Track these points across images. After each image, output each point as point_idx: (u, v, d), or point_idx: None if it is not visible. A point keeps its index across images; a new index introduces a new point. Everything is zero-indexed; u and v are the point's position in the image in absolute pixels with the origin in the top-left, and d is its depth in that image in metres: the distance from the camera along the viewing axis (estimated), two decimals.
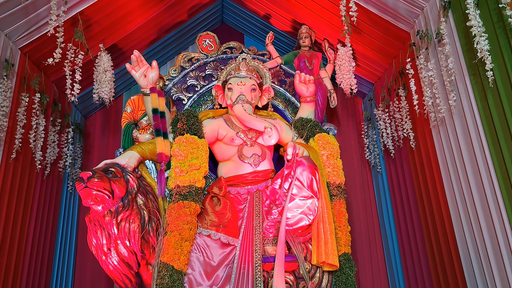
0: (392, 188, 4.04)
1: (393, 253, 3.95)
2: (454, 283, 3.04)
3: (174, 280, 2.70)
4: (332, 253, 2.94)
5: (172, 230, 2.80)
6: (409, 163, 3.69)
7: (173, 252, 2.74)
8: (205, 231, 2.98)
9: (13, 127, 3.21)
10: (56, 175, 3.86)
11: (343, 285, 3.02)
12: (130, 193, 2.74)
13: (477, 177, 2.78)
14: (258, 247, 3.05)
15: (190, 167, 2.95)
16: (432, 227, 3.29)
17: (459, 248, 2.97)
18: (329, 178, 3.24)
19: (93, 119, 4.56)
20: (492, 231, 2.62)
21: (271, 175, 3.37)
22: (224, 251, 3.02)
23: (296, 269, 3.05)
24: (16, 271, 3.16)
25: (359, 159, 4.49)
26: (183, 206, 2.85)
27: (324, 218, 3.02)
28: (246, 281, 2.91)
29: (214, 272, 2.93)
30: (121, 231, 2.64)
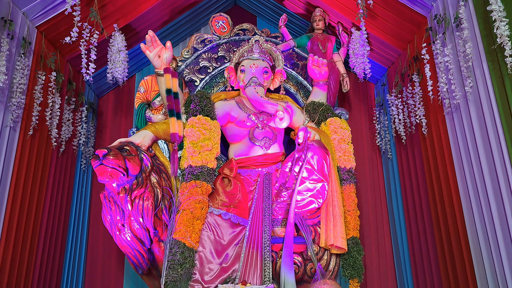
0: (402, 175, 4.04)
1: (400, 239, 3.98)
2: (461, 269, 3.06)
3: (186, 257, 2.77)
4: (341, 236, 2.98)
5: (184, 209, 2.85)
6: (421, 150, 3.68)
7: (185, 230, 2.80)
8: (216, 211, 3.03)
9: (30, 105, 3.27)
10: (70, 153, 3.93)
11: (351, 268, 3.07)
12: (144, 171, 2.79)
13: (491, 167, 2.76)
14: (267, 228, 3.10)
15: (202, 147, 2.98)
16: (442, 215, 3.30)
17: (469, 237, 2.98)
18: (339, 163, 3.26)
19: (106, 99, 4.61)
20: (504, 221, 2.62)
21: (282, 158, 3.39)
22: (234, 231, 3.08)
23: (304, 251, 3.11)
24: (32, 245, 3.26)
25: (369, 144, 4.49)
26: (195, 185, 2.90)
27: (334, 202, 3.05)
28: (255, 260, 2.97)
29: (224, 251, 2.99)
30: (135, 208, 2.71)
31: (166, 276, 2.71)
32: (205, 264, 2.88)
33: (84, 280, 4.10)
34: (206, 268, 2.87)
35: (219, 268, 2.92)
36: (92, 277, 4.15)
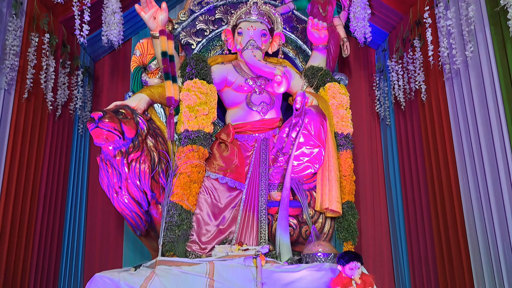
0: (400, 142, 4.04)
1: (396, 205, 4.03)
2: (454, 231, 3.12)
3: (183, 218, 2.81)
4: (336, 200, 3.01)
5: (181, 172, 2.87)
6: (419, 116, 3.66)
7: (182, 192, 2.83)
8: (213, 175, 3.05)
9: (23, 67, 3.22)
10: (67, 117, 3.92)
11: (345, 231, 3.12)
12: (140, 134, 2.79)
13: (488, 134, 2.75)
14: (264, 192, 3.14)
15: (198, 112, 2.97)
16: (438, 181, 3.33)
17: (463, 204, 3.01)
18: (337, 128, 3.25)
19: (102, 63, 4.53)
20: (499, 189, 2.64)
21: (279, 123, 3.38)
22: (231, 195, 3.12)
23: (300, 214, 3.15)
24: (32, 210, 3.30)
25: (368, 111, 4.46)
26: (192, 150, 2.91)
27: (330, 166, 3.06)
28: (251, 223, 3.03)
29: (221, 213, 3.04)
30: (131, 171, 2.73)
31: (164, 237, 2.77)
32: (202, 226, 2.93)
33: (84, 243, 4.19)
34: (203, 229, 2.93)
35: (216, 230, 2.98)
36: (92, 240, 4.23)
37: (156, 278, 2.49)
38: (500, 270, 2.59)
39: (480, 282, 2.82)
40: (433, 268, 3.45)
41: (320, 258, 2.67)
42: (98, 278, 2.46)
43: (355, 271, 2.28)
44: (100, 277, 2.46)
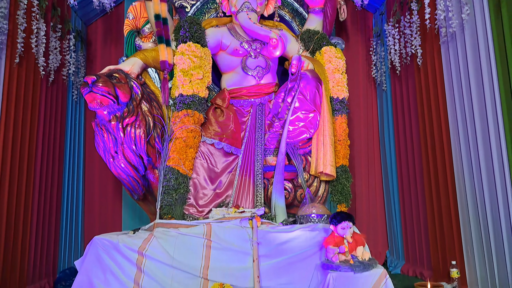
0: (395, 107, 4.06)
1: (390, 169, 4.09)
2: (445, 199, 3.19)
3: (180, 183, 2.86)
4: (330, 164, 3.05)
5: (177, 137, 2.89)
6: (415, 81, 3.65)
7: (178, 157, 2.86)
8: (209, 140, 3.07)
9: (13, 31, 3.14)
10: (61, 83, 3.87)
11: (339, 194, 3.19)
12: (134, 99, 2.78)
13: (480, 98, 2.76)
14: (260, 157, 3.17)
15: (193, 76, 2.95)
16: (431, 146, 3.36)
17: (454, 168, 3.06)
18: (332, 93, 3.25)
19: (94, 27, 4.43)
20: (488, 152, 2.68)
21: (275, 88, 3.37)
22: (227, 160, 3.15)
23: (295, 178, 3.21)
24: (29, 177, 3.31)
25: (365, 76, 4.43)
26: (187, 114, 2.91)
27: (325, 131, 3.09)
28: (248, 187, 3.08)
29: (217, 178, 3.09)
30: (127, 135, 2.74)
31: (162, 201, 2.82)
32: (199, 190, 2.99)
33: (83, 209, 4.25)
34: (200, 193, 2.99)
35: (213, 194, 3.03)
36: (90, 206, 4.29)
37: (154, 240, 2.55)
38: (488, 233, 2.68)
39: (468, 243, 2.92)
40: (424, 231, 3.55)
41: (314, 219, 2.74)
42: (97, 240, 2.53)
43: (347, 230, 2.35)
44: (99, 240, 2.53)
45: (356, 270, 2.24)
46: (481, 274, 2.79)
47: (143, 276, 2.45)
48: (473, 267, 2.87)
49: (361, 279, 2.23)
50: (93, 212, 4.31)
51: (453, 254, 3.11)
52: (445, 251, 3.22)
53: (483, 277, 2.77)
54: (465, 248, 2.97)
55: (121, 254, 2.48)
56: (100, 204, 4.31)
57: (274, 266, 2.50)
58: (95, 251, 2.49)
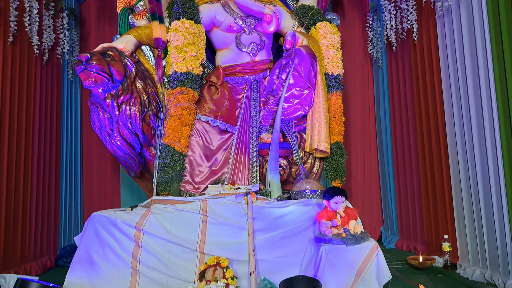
0: (391, 83, 4.05)
1: (385, 146, 4.12)
2: (439, 177, 3.22)
3: (175, 160, 2.88)
4: (325, 140, 3.08)
5: (171, 115, 2.90)
6: (410, 57, 3.64)
7: (174, 135, 2.88)
8: (204, 118, 3.09)
9: (5, 9, 3.11)
10: (55, 62, 3.85)
11: (333, 170, 3.22)
12: (128, 77, 2.78)
13: (474, 72, 2.75)
14: (255, 135, 3.19)
15: (186, 53, 2.94)
16: (426, 123, 3.38)
17: (448, 145, 3.08)
18: (327, 69, 3.24)
19: (87, 5, 4.38)
20: (481, 127, 2.69)
21: (269, 65, 3.36)
22: (222, 137, 3.17)
23: (290, 156, 3.24)
24: (27, 154, 3.33)
25: (361, 52, 4.41)
26: (181, 92, 2.91)
27: (320, 108, 3.10)
28: (243, 164, 3.11)
29: (213, 155, 3.12)
30: (122, 113, 2.75)
31: (158, 178, 2.86)
32: (195, 167, 3.02)
33: (82, 188, 4.30)
34: (197, 170, 3.02)
35: (209, 171, 3.07)
36: (89, 184, 4.33)
37: (151, 216, 2.60)
38: (479, 208, 2.73)
39: (460, 217, 2.97)
40: (418, 207, 3.61)
41: (308, 195, 2.78)
42: (96, 216, 2.57)
43: (339, 204, 2.39)
44: (98, 216, 2.57)
45: (348, 243, 2.29)
46: (472, 247, 2.85)
47: (141, 251, 2.50)
48: (464, 240, 2.94)
49: (353, 251, 2.29)
50: (91, 190, 4.36)
51: (446, 229, 3.17)
52: (438, 226, 3.28)
53: (473, 250, 2.83)
54: (457, 223, 3.03)
55: (119, 230, 2.53)
56: (99, 183, 4.36)
57: (268, 240, 2.56)
58: (93, 227, 2.54)
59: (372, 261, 2.29)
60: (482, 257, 2.73)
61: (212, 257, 2.44)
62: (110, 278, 2.42)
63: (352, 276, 2.24)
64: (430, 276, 2.82)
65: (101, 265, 2.44)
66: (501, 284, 2.46)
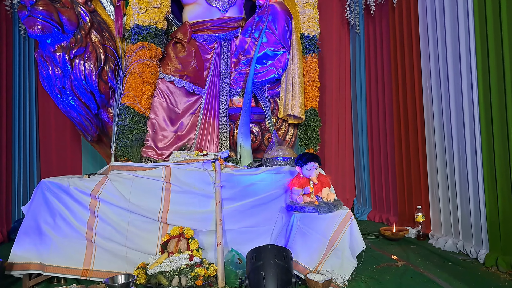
0: (368, 50, 3.89)
1: (360, 115, 3.99)
2: (414, 146, 3.12)
3: (136, 122, 2.64)
4: (299, 106, 2.90)
5: (131, 72, 2.64)
6: (389, 22, 3.47)
7: (134, 94, 2.62)
8: (168, 77, 2.83)
9: None
10: (4, 15, 3.45)
11: (307, 138, 3.07)
12: (82, 27, 2.48)
13: (454, 37, 2.62)
14: (225, 98, 2.98)
15: (149, 4, 2.65)
16: (403, 91, 3.25)
17: (425, 113, 2.96)
18: (303, 29, 3.03)
19: None
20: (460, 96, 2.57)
21: (241, 23, 3.11)
22: (189, 100, 2.93)
23: (262, 122, 3.05)
24: None
25: (338, 18, 4.20)
26: (143, 47, 2.64)
27: (294, 70, 2.90)
28: (212, 129, 2.90)
29: (178, 119, 2.88)
30: (75, 69, 2.46)
31: (117, 142, 2.61)
32: (158, 131, 2.78)
33: (39, 155, 3.96)
34: (160, 135, 2.79)
35: (173, 136, 2.84)
36: (47, 151, 3.99)
37: (109, 183, 2.37)
38: (454, 177, 2.64)
39: (434, 187, 2.89)
40: (392, 178, 3.53)
41: (280, 162, 2.62)
42: (45, 183, 2.31)
43: (312, 171, 2.24)
44: (47, 182, 2.31)
45: (320, 211, 2.15)
46: (445, 217, 2.79)
47: (97, 221, 2.29)
48: (438, 211, 2.87)
49: (326, 219, 2.15)
50: (50, 158, 4.03)
51: (419, 199, 3.10)
52: (411, 197, 3.21)
53: (446, 220, 2.77)
54: (430, 193, 2.96)
55: (72, 198, 2.30)
56: (58, 149, 4.04)
57: (237, 209, 2.39)
58: (42, 194, 2.29)
59: (345, 230, 2.16)
60: (455, 227, 2.67)
61: (176, 227, 2.26)
62: (62, 250, 2.19)
63: (325, 246, 2.11)
64: (403, 247, 2.75)
65: (51, 236, 2.20)
66: (474, 254, 2.41)
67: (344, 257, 2.11)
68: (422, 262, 2.36)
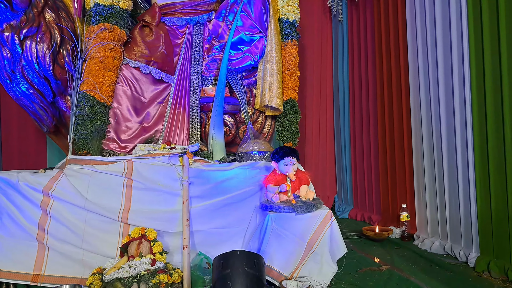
0: (351, 40, 3.71)
1: (342, 108, 3.81)
2: (399, 142, 2.95)
3: (96, 112, 2.38)
4: (277, 96, 2.69)
5: (92, 57, 2.38)
6: (374, 10, 3.29)
7: (94, 81, 2.36)
8: (133, 63, 2.57)
9: None
10: None
11: (286, 131, 2.86)
12: (35, 5, 2.20)
13: (445, 25, 2.45)
14: (196, 86, 2.74)
15: None
16: (388, 83, 3.07)
17: (411, 106, 2.78)
18: (282, 13, 2.81)
19: None
20: (450, 87, 2.40)
21: (215, 6, 2.87)
22: (156, 88, 2.69)
23: (237, 113, 2.82)
24: None
25: (320, 6, 3.99)
26: (105, 29, 2.38)
27: (272, 57, 2.68)
28: (182, 120, 2.66)
29: (144, 109, 2.63)
30: (26, 51, 2.19)
31: (75, 133, 2.35)
32: (121, 122, 2.53)
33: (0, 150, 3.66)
34: (123, 126, 2.53)
35: (139, 127, 2.59)
36: (8, 143, 3.68)
37: (64, 178, 2.12)
38: (442, 174, 2.48)
39: (421, 185, 2.72)
40: (375, 175, 3.35)
41: (255, 156, 2.40)
42: None
43: (290, 167, 2.03)
44: None
45: (298, 210, 1.94)
46: (431, 217, 2.62)
47: (50, 220, 2.04)
48: (424, 210, 2.70)
49: (303, 220, 1.95)
50: (11, 150, 3.71)
51: (404, 198, 2.93)
52: (395, 195, 3.04)
53: (433, 220, 2.60)
54: (417, 191, 2.78)
55: (22, 195, 2.05)
56: (20, 141, 3.71)
57: (207, 209, 2.18)
58: None
59: (325, 232, 1.96)
60: (443, 227, 2.50)
61: (137, 228, 2.03)
62: (10, 253, 1.94)
63: (302, 249, 1.91)
64: (387, 248, 2.57)
65: None
66: (463, 257, 2.24)
67: (323, 262, 1.91)
68: (408, 266, 2.18)
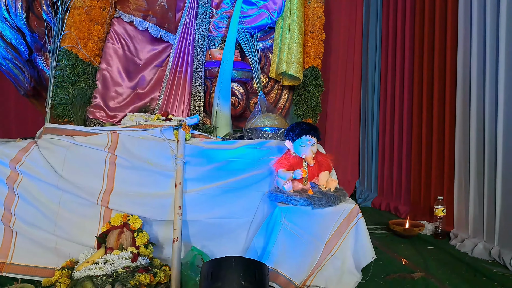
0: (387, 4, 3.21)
1: (372, 81, 3.34)
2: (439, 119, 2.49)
3: (79, 73, 2.02)
4: (296, 61, 2.26)
5: (76, 7, 2.01)
6: None
7: (77, 36, 1.99)
8: (127, 17, 2.19)
9: None
10: None
11: (305, 105, 2.45)
12: None
13: None
14: (201, 48, 2.37)
15: None
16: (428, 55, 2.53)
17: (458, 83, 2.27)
18: None
19: None
20: None
21: None
22: (154, 48, 2.32)
23: (249, 81, 2.43)
24: None
25: None
26: None
27: (293, 14, 2.27)
28: (182, 88, 2.29)
29: (139, 72, 2.28)
30: None
31: (53, 97, 2.00)
32: (110, 86, 2.19)
33: None
34: (112, 91, 2.19)
35: (131, 94, 2.25)
36: None
37: (35, 150, 1.81)
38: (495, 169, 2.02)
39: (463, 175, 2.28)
40: (406, 159, 2.92)
41: (267, 134, 2.01)
42: None
43: (308, 148, 1.62)
44: None
45: (315, 203, 1.55)
46: (474, 213, 2.19)
47: (18, 200, 1.75)
48: (465, 205, 2.27)
49: (322, 216, 1.57)
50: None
51: (440, 190, 2.51)
52: (429, 186, 2.63)
53: (476, 218, 2.18)
54: (457, 182, 2.35)
55: None
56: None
57: (206, 194, 1.84)
58: None
59: (348, 231, 1.58)
60: (489, 228, 2.07)
61: (118, 215, 1.71)
62: None
63: (318, 252, 1.57)
64: (418, 248, 2.17)
65: None
66: None
67: (344, 269, 1.55)
68: (446, 275, 1.78)
